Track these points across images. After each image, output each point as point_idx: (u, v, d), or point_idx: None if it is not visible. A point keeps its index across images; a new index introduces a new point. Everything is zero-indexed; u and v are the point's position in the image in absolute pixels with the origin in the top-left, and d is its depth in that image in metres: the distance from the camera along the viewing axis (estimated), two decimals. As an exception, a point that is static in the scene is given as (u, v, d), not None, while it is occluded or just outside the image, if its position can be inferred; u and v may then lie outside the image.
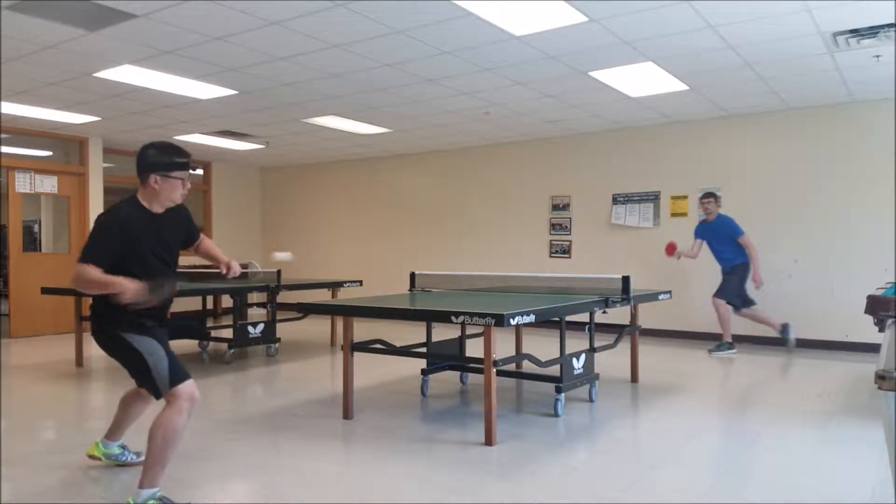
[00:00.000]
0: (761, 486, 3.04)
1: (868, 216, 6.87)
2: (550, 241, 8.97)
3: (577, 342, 5.05)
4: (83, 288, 2.70)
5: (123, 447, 3.34)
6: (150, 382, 2.78)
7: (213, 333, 6.72)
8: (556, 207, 8.89)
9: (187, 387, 2.77)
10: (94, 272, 2.65)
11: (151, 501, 2.67)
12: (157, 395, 2.81)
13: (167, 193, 2.86)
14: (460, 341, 5.08)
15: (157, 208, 2.87)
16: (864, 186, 6.89)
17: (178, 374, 2.78)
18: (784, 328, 6.83)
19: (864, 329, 6.51)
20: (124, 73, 5.81)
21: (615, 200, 8.42)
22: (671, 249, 7.17)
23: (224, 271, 3.13)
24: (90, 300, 2.88)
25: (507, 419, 4.21)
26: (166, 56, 5.32)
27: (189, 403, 2.76)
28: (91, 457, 3.30)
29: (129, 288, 2.64)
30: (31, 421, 4.30)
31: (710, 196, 7.05)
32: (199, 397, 2.83)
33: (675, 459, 3.45)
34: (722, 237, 6.95)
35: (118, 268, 2.71)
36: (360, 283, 7.85)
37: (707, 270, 7.79)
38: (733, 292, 6.84)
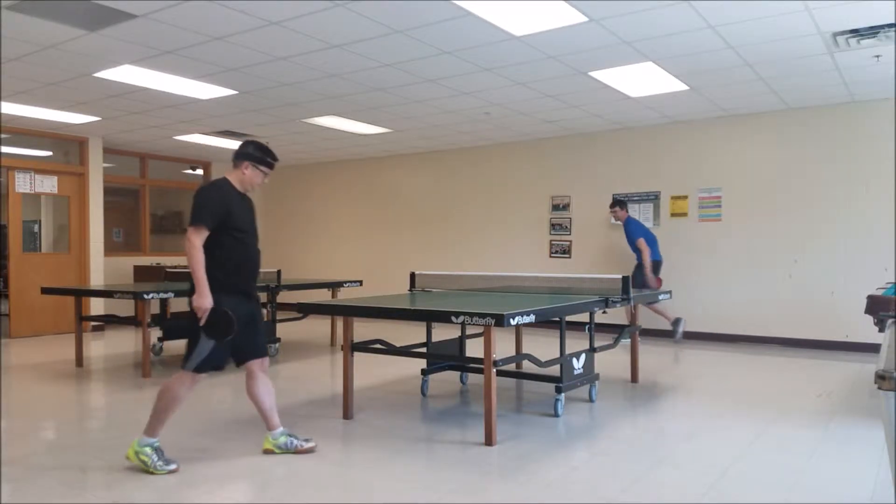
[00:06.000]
0: (761, 486, 3.04)
1: (868, 216, 6.87)
2: (550, 241, 8.97)
3: (577, 342, 5.05)
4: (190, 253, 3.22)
5: (289, 435, 3.56)
6: (188, 351, 3.29)
7: (213, 333, 6.70)
8: (556, 207, 8.89)
9: (200, 378, 3.35)
10: (199, 241, 3.25)
11: (148, 448, 3.24)
12: (183, 364, 3.30)
13: (251, 179, 3.48)
14: (460, 341, 5.08)
15: (239, 189, 3.49)
16: (865, 187, 6.89)
17: (203, 367, 3.30)
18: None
19: (864, 329, 6.52)
20: (124, 73, 5.81)
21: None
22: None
23: None
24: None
25: (507, 419, 4.21)
26: (166, 56, 5.32)
27: (194, 385, 3.35)
28: (267, 451, 3.52)
29: (205, 297, 3.20)
30: (31, 421, 4.30)
31: (615, 204, 7.72)
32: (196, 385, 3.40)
33: (675, 459, 3.45)
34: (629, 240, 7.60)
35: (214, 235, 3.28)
36: (360, 283, 7.86)
37: (707, 270, 7.80)
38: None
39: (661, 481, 3.13)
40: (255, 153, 3.45)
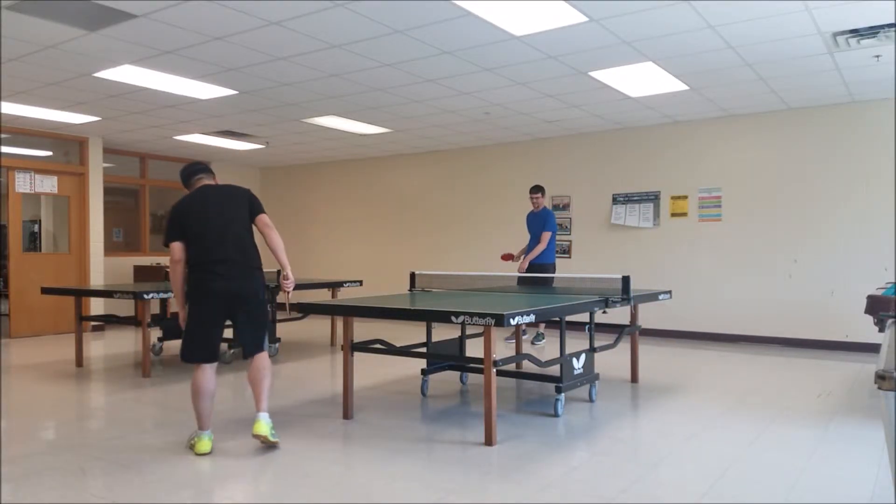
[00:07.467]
0: (761, 486, 3.04)
1: (868, 216, 6.87)
2: (550, 241, 8.96)
3: (577, 342, 5.05)
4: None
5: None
6: (261, 339, 3.72)
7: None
8: (556, 207, 8.89)
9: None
10: None
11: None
12: (252, 351, 3.68)
13: None
14: (460, 341, 5.08)
15: None
16: (865, 186, 6.89)
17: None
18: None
19: (864, 329, 6.53)
20: (124, 73, 5.81)
21: (615, 200, 8.43)
22: (507, 257, 7.63)
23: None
24: (250, 266, 3.68)
25: (507, 419, 4.22)
26: (166, 56, 5.32)
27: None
28: (257, 436, 3.57)
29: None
30: (31, 421, 4.30)
31: (537, 190, 7.44)
32: None
33: (675, 459, 3.45)
34: (536, 230, 7.40)
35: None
36: (360, 283, 7.85)
37: (707, 270, 7.80)
38: None
39: (661, 481, 3.14)
40: None
